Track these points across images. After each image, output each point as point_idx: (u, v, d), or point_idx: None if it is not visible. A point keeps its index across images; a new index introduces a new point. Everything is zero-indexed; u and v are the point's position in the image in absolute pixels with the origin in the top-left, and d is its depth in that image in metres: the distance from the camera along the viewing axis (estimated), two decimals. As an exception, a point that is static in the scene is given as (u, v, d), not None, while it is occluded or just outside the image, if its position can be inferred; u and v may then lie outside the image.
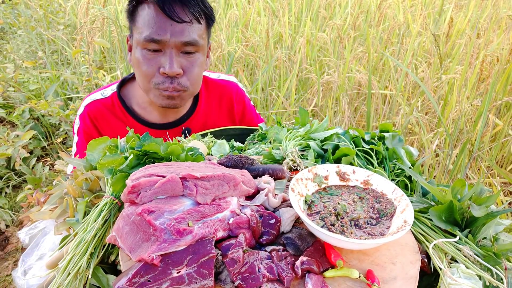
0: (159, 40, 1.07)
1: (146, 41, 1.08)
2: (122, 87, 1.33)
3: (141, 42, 1.09)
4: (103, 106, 1.30)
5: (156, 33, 1.07)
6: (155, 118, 1.33)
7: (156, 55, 1.10)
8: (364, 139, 0.98)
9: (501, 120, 2.51)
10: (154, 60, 1.10)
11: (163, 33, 1.06)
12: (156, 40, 1.07)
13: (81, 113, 1.30)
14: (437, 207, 0.75)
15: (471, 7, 3.22)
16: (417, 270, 0.67)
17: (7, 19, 4.40)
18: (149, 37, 1.07)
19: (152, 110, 1.32)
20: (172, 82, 1.12)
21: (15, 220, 2.40)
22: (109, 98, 1.30)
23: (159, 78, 1.12)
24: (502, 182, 2.43)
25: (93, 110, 1.29)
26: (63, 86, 3.29)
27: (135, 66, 1.16)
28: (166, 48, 1.09)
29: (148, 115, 1.32)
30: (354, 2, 3.61)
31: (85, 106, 1.30)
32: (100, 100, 1.30)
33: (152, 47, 1.09)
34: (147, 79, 1.13)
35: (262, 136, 1.17)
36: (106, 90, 1.33)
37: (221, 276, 0.63)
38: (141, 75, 1.14)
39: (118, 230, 0.66)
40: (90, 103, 1.30)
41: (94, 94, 1.32)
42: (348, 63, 2.62)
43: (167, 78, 1.12)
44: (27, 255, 0.87)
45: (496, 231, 0.77)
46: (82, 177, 0.85)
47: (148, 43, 1.08)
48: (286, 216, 0.73)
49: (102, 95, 1.31)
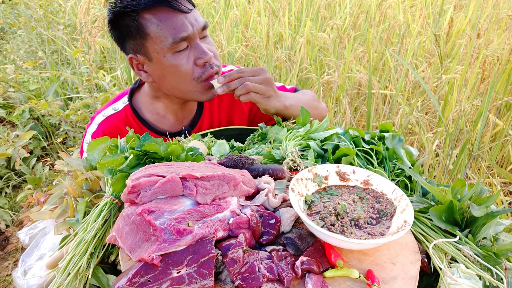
0: (186, 36, 1.07)
1: (176, 44, 1.06)
2: (132, 98, 1.30)
3: (167, 48, 1.07)
4: (118, 121, 1.26)
5: (182, 31, 1.06)
6: (169, 126, 1.31)
7: (186, 52, 1.10)
8: (364, 139, 0.98)
9: (501, 120, 2.51)
10: (187, 58, 1.10)
11: (186, 28, 1.06)
12: (184, 37, 1.06)
13: (94, 131, 1.26)
14: (437, 207, 0.75)
15: (471, 7, 3.22)
16: (417, 270, 0.67)
17: (7, 19, 4.40)
18: (177, 37, 1.06)
19: (166, 115, 1.29)
20: (212, 66, 1.14)
21: (15, 220, 2.40)
22: (123, 112, 1.27)
23: (199, 70, 1.12)
24: (502, 182, 2.43)
25: (108, 127, 1.25)
26: (63, 86, 3.30)
27: (167, 76, 1.12)
28: (192, 41, 1.10)
29: (161, 124, 1.30)
30: (354, 2, 3.61)
31: (99, 124, 1.26)
32: (114, 115, 1.27)
33: (182, 46, 1.08)
34: (188, 78, 1.12)
35: (262, 136, 1.17)
36: (117, 104, 1.29)
37: (221, 276, 0.63)
38: (180, 80, 1.12)
39: (118, 230, 0.66)
40: (104, 120, 1.26)
41: (106, 110, 1.28)
42: (348, 63, 2.62)
43: (205, 67, 1.13)
44: (27, 255, 0.87)
45: (496, 231, 0.77)
46: (82, 177, 0.85)
47: (177, 44, 1.07)
48: (286, 216, 0.73)
49: (114, 110, 1.28)
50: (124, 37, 1.12)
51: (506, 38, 2.83)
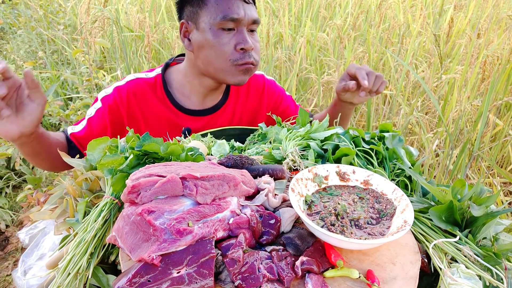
0: (236, 18, 1.15)
1: (225, 20, 1.14)
2: (164, 71, 1.37)
3: (216, 22, 1.15)
4: (146, 85, 1.33)
5: (235, 12, 1.15)
6: (192, 105, 1.36)
7: (230, 34, 1.17)
8: (364, 139, 0.98)
9: (501, 120, 2.51)
10: (229, 39, 1.17)
11: (238, 11, 1.15)
12: (234, 18, 1.15)
13: (120, 85, 1.31)
14: (437, 207, 0.75)
15: (471, 7, 3.22)
16: (417, 270, 0.67)
17: (7, 19, 4.40)
18: (228, 16, 1.14)
19: (190, 96, 1.35)
20: (250, 56, 1.19)
21: (15, 220, 2.40)
22: (153, 79, 1.34)
23: (236, 54, 1.18)
24: (502, 182, 2.43)
25: (135, 86, 1.31)
26: (63, 86, 3.30)
27: (206, 48, 1.19)
28: (239, 26, 1.18)
29: (185, 101, 1.35)
30: (354, 2, 3.61)
31: (128, 81, 1.32)
32: (144, 79, 1.34)
33: (228, 26, 1.16)
34: (224, 58, 1.18)
35: (262, 136, 1.17)
36: (151, 73, 1.36)
37: (221, 276, 0.63)
38: (216, 55, 1.19)
39: (118, 230, 0.66)
40: (134, 80, 1.32)
41: (139, 74, 1.35)
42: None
43: (244, 53, 1.19)
44: (27, 255, 0.87)
45: (496, 231, 0.77)
46: (82, 177, 0.85)
47: (226, 22, 1.15)
48: (286, 216, 0.73)
49: (146, 76, 1.35)
50: (186, 1, 1.22)
51: (506, 38, 2.83)
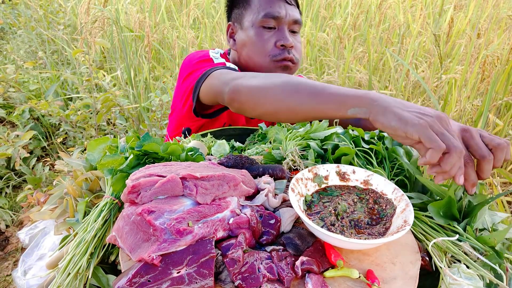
0: (277, 16, 1.21)
1: (266, 18, 1.21)
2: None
3: (258, 20, 1.22)
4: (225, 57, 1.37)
5: (276, 11, 1.21)
6: None
7: (271, 32, 1.23)
8: (364, 138, 0.98)
9: (501, 120, 2.51)
10: (270, 36, 1.23)
11: (281, 10, 1.22)
12: (275, 16, 1.21)
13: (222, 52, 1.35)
14: (436, 202, 0.75)
15: (471, 7, 3.22)
16: (417, 270, 0.67)
17: (7, 19, 4.40)
18: (270, 14, 1.20)
19: None
20: (289, 52, 1.24)
21: (15, 220, 2.40)
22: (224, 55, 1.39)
23: (276, 50, 1.23)
24: (502, 182, 2.43)
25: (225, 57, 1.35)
26: (63, 86, 3.30)
27: (248, 44, 1.26)
28: (280, 25, 1.23)
29: None
30: (354, 2, 3.61)
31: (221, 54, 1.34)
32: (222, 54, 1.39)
33: (269, 24, 1.22)
34: (263, 53, 1.24)
35: (262, 136, 1.17)
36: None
37: (221, 276, 0.63)
38: (257, 51, 1.24)
39: (118, 230, 0.66)
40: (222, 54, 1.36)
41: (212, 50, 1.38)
42: (348, 63, 2.62)
43: (284, 50, 1.23)
44: (27, 255, 0.87)
45: (493, 222, 0.79)
46: (82, 177, 0.85)
47: (267, 19, 1.21)
48: (286, 216, 0.73)
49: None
50: (233, 5, 1.32)
51: (506, 38, 2.83)
